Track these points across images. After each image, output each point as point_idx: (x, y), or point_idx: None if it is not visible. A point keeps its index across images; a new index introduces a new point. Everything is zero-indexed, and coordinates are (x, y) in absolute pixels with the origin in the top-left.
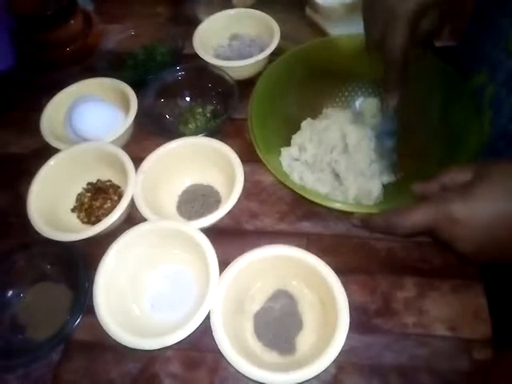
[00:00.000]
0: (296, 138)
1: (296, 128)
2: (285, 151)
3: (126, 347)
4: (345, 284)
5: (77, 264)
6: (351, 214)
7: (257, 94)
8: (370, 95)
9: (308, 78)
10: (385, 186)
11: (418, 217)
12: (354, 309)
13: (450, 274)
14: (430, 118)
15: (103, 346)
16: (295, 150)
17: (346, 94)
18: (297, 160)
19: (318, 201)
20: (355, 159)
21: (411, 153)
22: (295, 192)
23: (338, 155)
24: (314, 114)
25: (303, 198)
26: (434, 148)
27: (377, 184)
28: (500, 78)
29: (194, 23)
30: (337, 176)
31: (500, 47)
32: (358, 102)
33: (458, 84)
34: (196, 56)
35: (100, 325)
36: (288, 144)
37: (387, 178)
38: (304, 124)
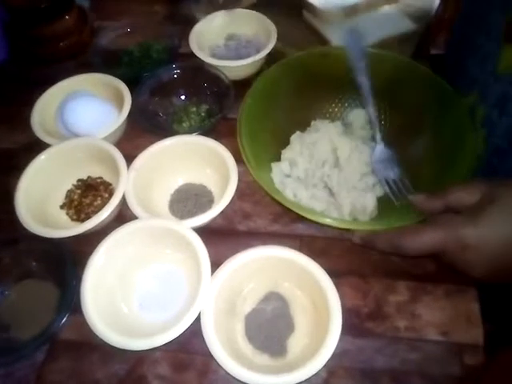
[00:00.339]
0: (286, 153)
1: (285, 142)
2: (276, 167)
3: (113, 347)
4: (337, 286)
5: (64, 261)
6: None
7: (246, 108)
8: (358, 106)
9: (295, 90)
10: (379, 199)
11: (425, 239)
12: (347, 311)
13: (443, 279)
14: (424, 131)
15: (90, 345)
16: (286, 166)
17: (333, 105)
18: (288, 176)
19: (314, 218)
20: (347, 173)
21: (405, 165)
22: None
23: (329, 169)
24: (303, 126)
25: None
26: (428, 161)
27: (371, 198)
28: (490, 100)
29: (191, 22)
30: (330, 191)
31: (488, 71)
32: (346, 113)
33: (452, 98)
34: (192, 55)
35: (87, 324)
36: (278, 159)
37: (381, 191)
38: (293, 138)
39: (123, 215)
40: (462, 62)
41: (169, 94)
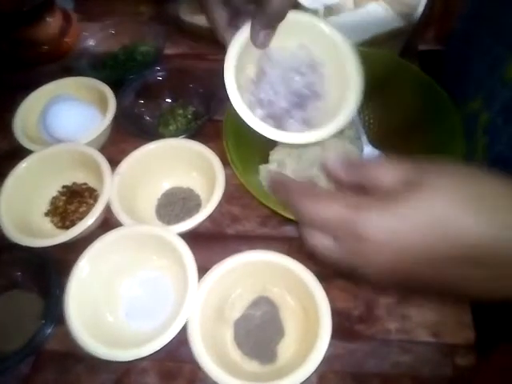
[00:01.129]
0: (274, 155)
1: (273, 144)
2: (264, 169)
3: (99, 358)
4: (327, 290)
5: (49, 271)
6: None
7: (231, 109)
8: None
9: None
10: None
11: (326, 211)
12: (337, 315)
13: None
14: (413, 130)
15: (76, 356)
16: (274, 167)
17: None
18: None
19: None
20: None
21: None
22: None
23: (317, 170)
24: None
25: None
26: (417, 159)
27: None
28: (495, 107)
29: (177, 23)
30: None
31: (495, 76)
32: None
33: (441, 97)
34: (177, 56)
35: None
36: (266, 161)
37: None
38: None
39: (109, 221)
40: (467, 64)
41: (154, 96)
